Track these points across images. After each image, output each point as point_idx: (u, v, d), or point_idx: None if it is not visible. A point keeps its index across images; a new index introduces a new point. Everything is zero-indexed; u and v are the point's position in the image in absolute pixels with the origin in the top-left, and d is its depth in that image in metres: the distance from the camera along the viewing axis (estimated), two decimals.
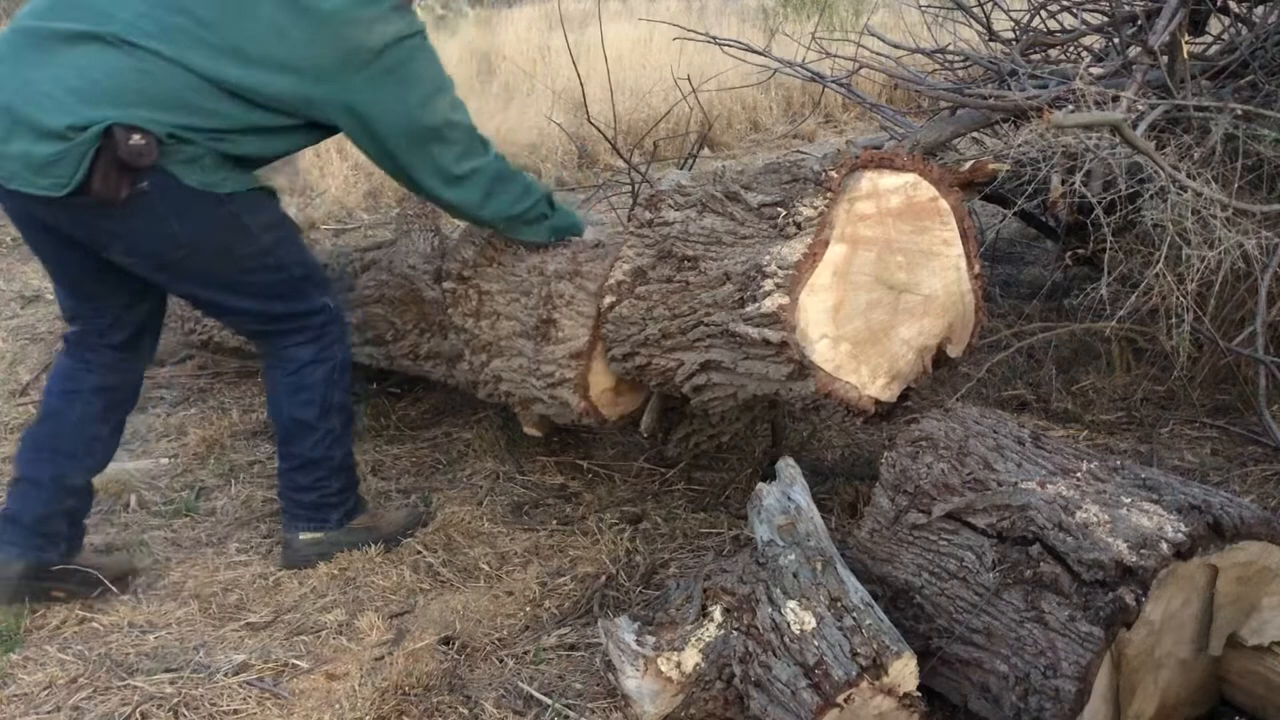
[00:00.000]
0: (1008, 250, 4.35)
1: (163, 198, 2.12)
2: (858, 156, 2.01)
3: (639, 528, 2.57)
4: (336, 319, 2.46)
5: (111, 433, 2.42)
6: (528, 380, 2.47)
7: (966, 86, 3.56)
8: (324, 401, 2.43)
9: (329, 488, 2.49)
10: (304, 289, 2.39)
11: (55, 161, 2.02)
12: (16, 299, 4.68)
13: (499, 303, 2.54)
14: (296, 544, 2.49)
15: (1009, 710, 1.66)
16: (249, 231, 2.26)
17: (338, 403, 2.46)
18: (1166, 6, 2.77)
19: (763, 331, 1.92)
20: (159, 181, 2.10)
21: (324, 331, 2.42)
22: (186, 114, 2.09)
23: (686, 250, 2.12)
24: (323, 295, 2.43)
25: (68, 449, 2.35)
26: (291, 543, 2.50)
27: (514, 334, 2.49)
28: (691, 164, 3.95)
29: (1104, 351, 3.13)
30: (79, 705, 2.03)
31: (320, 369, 2.42)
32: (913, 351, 2.10)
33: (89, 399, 2.36)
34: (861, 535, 2.01)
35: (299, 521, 2.49)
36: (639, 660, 1.80)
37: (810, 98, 7.89)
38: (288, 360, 2.42)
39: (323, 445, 2.45)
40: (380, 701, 1.97)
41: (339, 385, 2.45)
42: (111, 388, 2.39)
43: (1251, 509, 1.71)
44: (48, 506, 2.32)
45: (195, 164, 2.13)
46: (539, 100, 7.36)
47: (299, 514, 2.49)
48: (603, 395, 2.40)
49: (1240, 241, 2.32)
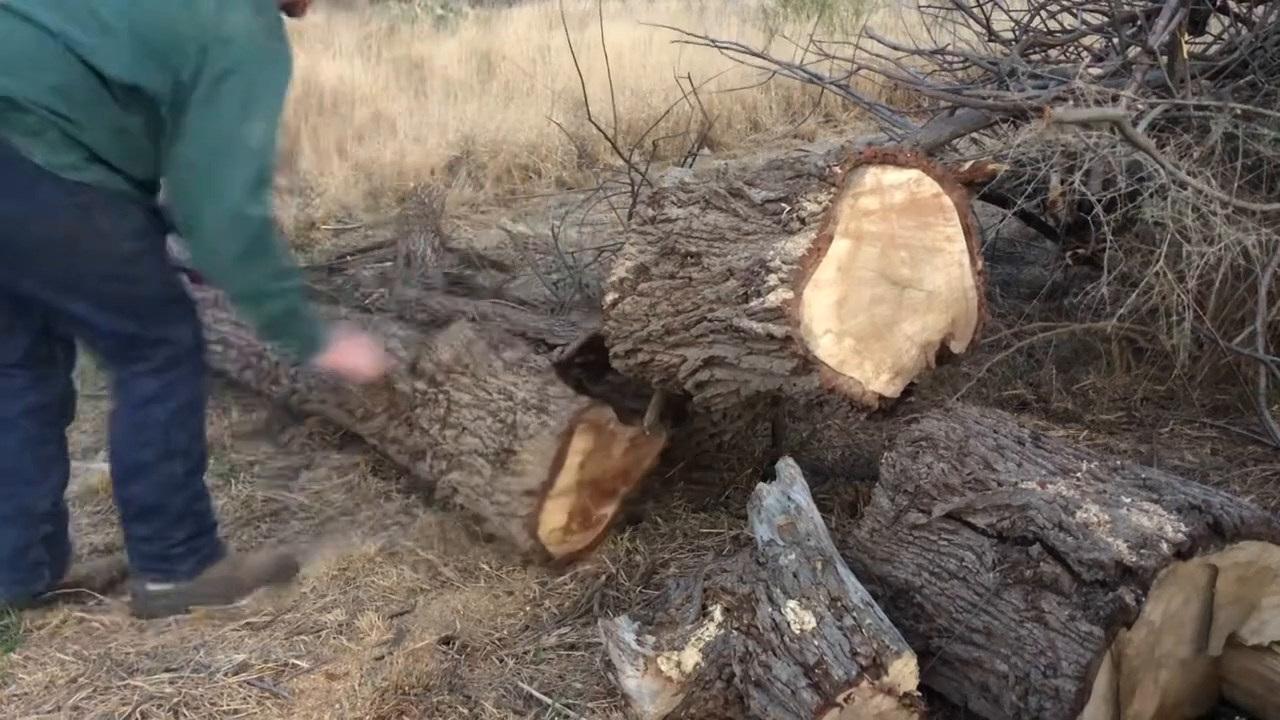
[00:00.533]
0: (1008, 250, 4.36)
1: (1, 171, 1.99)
2: (861, 152, 2.01)
3: (639, 528, 2.56)
4: (190, 354, 2.26)
5: (59, 450, 2.33)
6: (481, 500, 2.45)
7: (966, 87, 3.56)
8: (165, 443, 2.23)
9: (172, 537, 2.29)
10: (164, 313, 2.21)
11: None
12: None
13: (465, 417, 2.50)
14: (143, 595, 2.31)
15: (1009, 710, 1.66)
16: (102, 233, 2.08)
17: (181, 446, 2.25)
18: (1166, 6, 2.77)
19: (766, 326, 1.92)
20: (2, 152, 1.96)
21: (173, 365, 2.22)
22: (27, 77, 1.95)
23: (690, 246, 2.12)
24: (182, 325, 2.24)
25: (23, 478, 2.27)
26: (139, 593, 2.32)
27: (475, 451, 2.46)
28: (691, 164, 3.95)
29: (1104, 351, 3.13)
30: (79, 705, 2.03)
31: (164, 407, 2.22)
32: (916, 347, 2.10)
33: (21, 424, 2.25)
34: (861, 535, 2.01)
35: (145, 572, 2.31)
36: (639, 660, 1.80)
37: (810, 98, 7.89)
38: (130, 394, 2.23)
39: (159, 490, 2.25)
40: (380, 701, 1.97)
41: (184, 427, 2.26)
42: (40, 407, 2.27)
43: (1251, 509, 1.71)
44: (22, 539, 2.27)
45: (39, 138, 1.97)
46: (539, 100, 7.37)
47: (144, 564, 2.31)
48: (552, 534, 2.38)
49: (1240, 239, 2.32)
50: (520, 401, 2.40)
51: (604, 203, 4.36)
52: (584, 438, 2.35)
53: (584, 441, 2.36)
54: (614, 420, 2.39)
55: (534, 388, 2.41)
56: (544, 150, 6.59)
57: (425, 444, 2.60)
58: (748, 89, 6.88)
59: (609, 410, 2.38)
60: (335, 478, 2.95)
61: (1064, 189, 2.62)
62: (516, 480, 2.35)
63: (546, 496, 2.33)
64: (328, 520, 2.72)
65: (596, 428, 2.37)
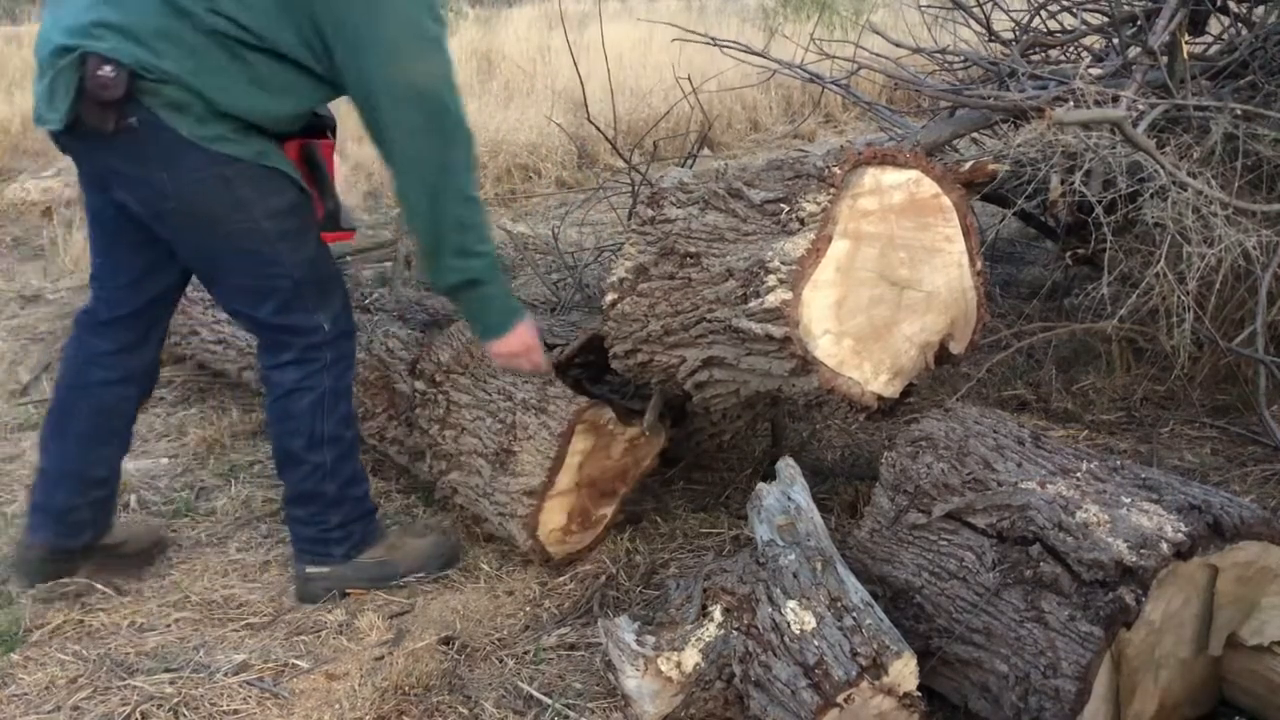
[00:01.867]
0: (1008, 250, 4.36)
1: (151, 139, 2.00)
2: (861, 153, 2.01)
3: (639, 528, 2.56)
4: (332, 343, 2.24)
5: (127, 422, 2.36)
6: (481, 501, 2.45)
7: (966, 87, 3.56)
8: (311, 433, 2.25)
9: (326, 522, 2.33)
10: (302, 301, 2.19)
11: (50, 93, 1.98)
12: (16, 299, 4.68)
13: (465, 417, 2.50)
14: (304, 577, 2.37)
15: (1009, 710, 1.66)
16: (244, 206, 2.07)
17: (329, 434, 2.26)
18: (1166, 6, 2.77)
19: (765, 327, 1.92)
20: (148, 121, 1.98)
21: (312, 356, 2.22)
22: (161, 49, 1.94)
23: (689, 247, 2.12)
24: (323, 314, 2.22)
25: (85, 443, 2.31)
26: (300, 575, 2.38)
27: (475, 452, 2.46)
28: (691, 164, 3.95)
29: (1104, 351, 3.13)
30: (79, 705, 2.03)
31: (306, 397, 2.23)
32: (915, 348, 2.10)
33: (97, 393, 2.30)
34: (861, 535, 2.01)
35: (304, 555, 2.36)
36: (639, 660, 1.80)
37: (810, 98, 7.89)
38: (273, 383, 2.26)
39: (313, 479, 2.29)
40: (380, 701, 1.97)
41: (330, 415, 2.26)
42: (120, 380, 2.30)
43: (1251, 509, 1.71)
44: (71, 499, 2.31)
45: (183, 111, 1.98)
46: (539, 100, 7.37)
47: (303, 547, 2.36)
48: (551, 534, 2.38)
49: (1240, 240, 2.32)
50: (520, 402, 2.40)
51: (604, 203, 4.37)
52: (583, 438, 2.35)
53: (583, 442, 2.36)
54: (613, 420, 2.39)
55: (533, 388, 2.41)
56: (544, 150, 6.58)
57: (425, 444, 2.59)
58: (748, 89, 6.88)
59: (608, 410, 2.38)
60: None
61: (1064, 189, 2.62)
62: (516, 480, 2.36)
63: (546, 496, 2.33)
64: None
65: (596, 428, 2.37)
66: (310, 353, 2.22)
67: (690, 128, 6.16)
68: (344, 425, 2.30)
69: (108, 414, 2.32)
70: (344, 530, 2.35)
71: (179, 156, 2.02)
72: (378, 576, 2.37)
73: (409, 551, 2.41)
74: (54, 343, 4.02)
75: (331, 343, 2.24)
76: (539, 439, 2.33)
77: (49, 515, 2.32)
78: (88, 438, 2.32)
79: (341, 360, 2.28)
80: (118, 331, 2.30)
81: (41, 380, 3.70)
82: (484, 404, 2.47)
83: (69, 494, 2.32)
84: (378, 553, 2.38)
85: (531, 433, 2.35)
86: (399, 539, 2.44)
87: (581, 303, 3.61)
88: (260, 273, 2.16)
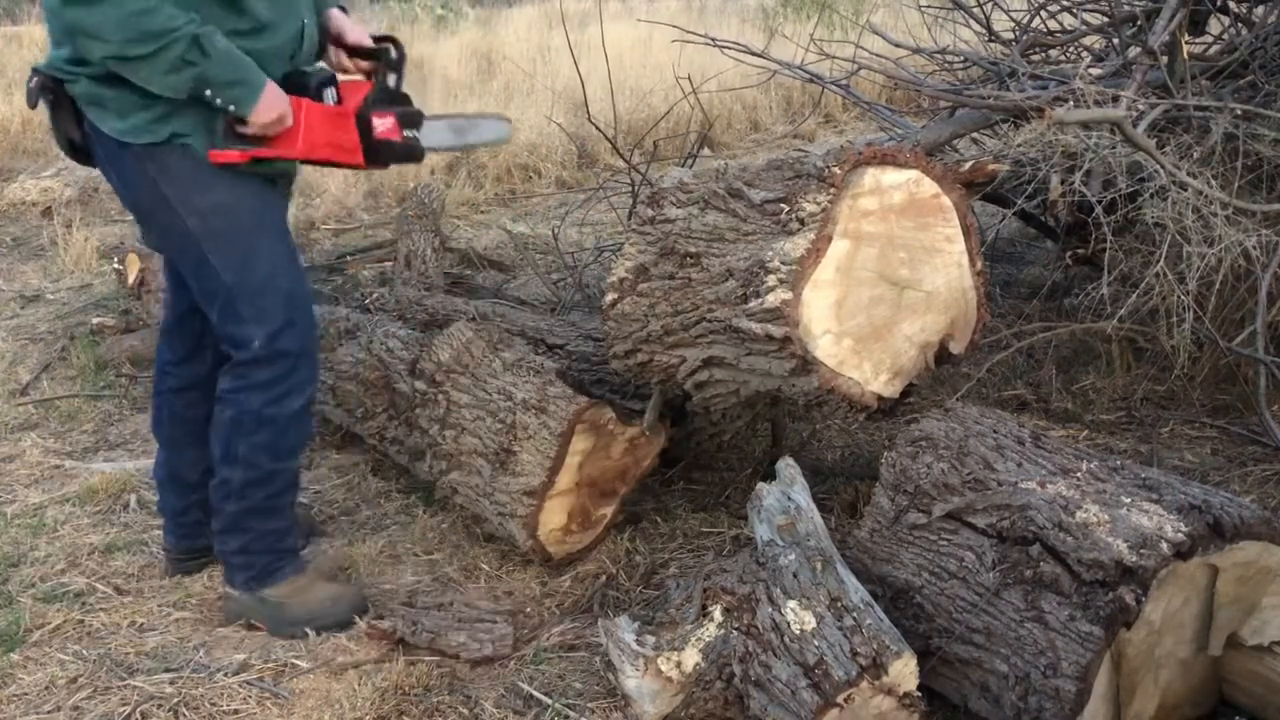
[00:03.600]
0: (1008, 250, 4.35)
1: (98, 144, 1.99)
2: (861, 153, 2.01)
3: (639, 528, 2.56)
4: (265, 363, 2.08)
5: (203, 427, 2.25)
6: (481, 500, 2.45)
7: (966, 87, 3.56)
8: (225, 446, 2.14)
9: (226, 544, 2.23)
10: (234, 310, 2.06)
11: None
12: (16, 299, 4.68)
13: (465, 417, 2.50)
14: (224, 593, 2.30)
15: (1009, 710, 1.66)
16: (170, 204, 1.98)
17: (241, 456, 2.13)
18: (1166, 6, 2.77)
19: (765, 327, 1.92)
20: (91, 125, 1.97)
21: (240, 372, 2.10)
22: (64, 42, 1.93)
23: (689, 247, 2.12)
24: (255, 329, 2.06)
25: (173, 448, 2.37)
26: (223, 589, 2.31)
27: (475, 451, 2.45)
28: (691, 164, 3.95)
29: (1104, 351, 3.13)
30: (79, 705, 2.03)
31: (226, 410, 2.13)
32: (915, 348, 2.10)
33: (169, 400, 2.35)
34: (861, 535, 2.01)
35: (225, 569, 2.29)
36: (639, 660, 1.80)
37: (810, 98, 7.89)
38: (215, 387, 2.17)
39: (219, 492, 2.19)
40: (380, 701, 1.97)
41: (247, 438, 2.12)
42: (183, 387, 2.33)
43: (1251, 509, 1.71)
44: (179, 502, 2.40)
45: (102, 106, 1.94)
46: (539, 100, 7.36)
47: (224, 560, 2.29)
48: (551, 534, 2.38)
49: (1240, 240, 2.32)
50: (520, 401, 2.40)
51: (604, 203, 4.37)
52: (583, 438, 2.35)
53: (583, 442, 2.36)
54: (613, 420, 2.39)
55: (533, 388, 2.41)
56: (544, 150, 6.59)
57: (425, 444, 2.59)
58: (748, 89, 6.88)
59: (608, 410, 2.38)
60: (335, 478, 2.95)
61: (1064, 189, 2.62)
62: (516, 480, 2.35)
63: (546, 496, 2.33)
64: (328, 520, 2.72)
65: (596, 428, 2.37)
66: (239, 368, 2.11)
67: (690, 128, 6.16)
68: (267, 455, 2.14)
69: (181, 420, 2.34)
70: (245, 558, 2.23)
71: (117, 157, 2.00)
72: (277, 619, 2.22)
73: (309, 599, 2.24)
74: (54, 343, 4.02)
75: (264, 362, 2.08)
76: (539, 439, 2.33)
77: (168, 518, 2.43)
78: (175, 442, 2.37)
79: (278, 384, 2.09)
80: (174, 340, 2.34)
81: (42, 380, 3.70)
82: (484, 404, 2.47)
83: (176, 497, 2.40)
84: (281, 592, 2.23)
85: (531, 432, 2.35)
86: (310, 582, 2.27)
87: (581, 303, 3.62)
88: (197, 273, 2.08)
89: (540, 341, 2.81)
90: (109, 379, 3.68)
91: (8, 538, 2.65)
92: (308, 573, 2.30)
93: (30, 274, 5.04)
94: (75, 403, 3.50)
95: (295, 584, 2.25)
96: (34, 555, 2.58)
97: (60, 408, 3.46)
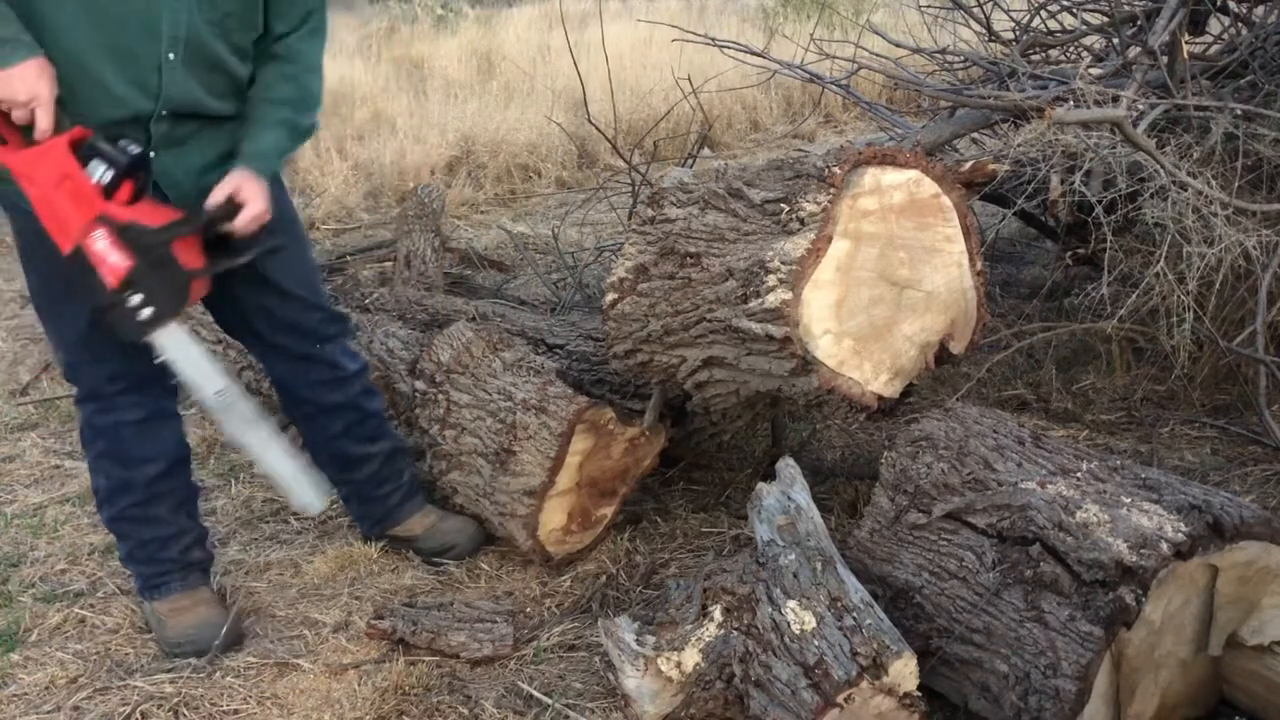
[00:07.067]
0: (1008, 250, 4.35)
1: None
2: (861, 153, 2.01)
3: (639, 528, 2.56)
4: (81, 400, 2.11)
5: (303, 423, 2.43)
6: (481, 500, 2.45)
7: (966, 87, 3.56)
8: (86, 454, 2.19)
9: (119, 547, 2.26)
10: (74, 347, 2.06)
11: None
12: (16, 299, 4.68)
13: (465, 417, 2.51)
14: None
15: (1009, 710, 1.66)
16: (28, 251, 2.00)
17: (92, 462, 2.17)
18: (1166, 6, 2.77)
19: (765, 327, 1.92)
20: None
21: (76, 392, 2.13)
22: None
23: (689, 247, 2.13)
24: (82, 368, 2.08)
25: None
26: None
27: (475, 452, 2.46)
28: (691, 164, 3.95)
29: (1104, 351, 3.13)
30: (79, 705, 2.03)
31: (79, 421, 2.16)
32: (915, 348, 2.10)
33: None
34: (861, 535, 2.01)
35: None
36: (639, 660, 1.80)
37: (810, 98, 7.89)
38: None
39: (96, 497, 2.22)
40: (380, 701, 1.97)
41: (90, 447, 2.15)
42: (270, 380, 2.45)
43: (1251, 509, 1.71)
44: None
45: None
46: (539, 100, 7.37)
47: None
48: (551, 534, 2.38)
49: (1240, 240, 2.32)
50: (520, 401, 2.40)
51: (604, 203, 4.37)
52: (583, 438, 2.35)
53: (583, 442, 2.36)
54: (613, 420, 2.39)
55: (533, 388, 2.41)
56: (544, 150, 6.59)
57: (425, 444, 2.59)
58: (748, 89, 6.88)
59: (608, 410, 2.38)
60: None
61: (1064, 189, 2.62)
62: (516, 480, 2.35)
63: (546, 496, 2.33)
64: (328, 520, 2.72)
65: (596, 428, 2.37)
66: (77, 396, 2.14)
67: (690, 128, 6.16)
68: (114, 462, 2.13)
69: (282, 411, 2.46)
70: (133, 566, 2.24)
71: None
72: (160, 636, 2.20)
73: (183, 621, 2.19)
74: None
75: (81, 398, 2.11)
76: (539, 439, 2.33)
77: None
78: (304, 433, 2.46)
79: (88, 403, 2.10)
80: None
81: (41, 380, 3.70)
82: (484, 404, 2.47)
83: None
84: (162, 608, 2.21)
85: (531, 432, 2.35)
86: (193, 604, 2.21)
87: (581, 303, 3.62)
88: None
89: (540, 341, 2.81)
90: None
91: (8, 538, 2.65)
92: (199, 593, 2.23)
93: None
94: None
95: (177, 603, 2.21)
96: (34, 555, 2.58)
97: (60, 408, 3.46)
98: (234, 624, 2.20)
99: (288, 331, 2.22)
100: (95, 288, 1.82)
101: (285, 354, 2.26)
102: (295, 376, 2.29)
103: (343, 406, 2.33)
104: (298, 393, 2.32)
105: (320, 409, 2.33)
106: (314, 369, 2.28)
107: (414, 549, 2.49)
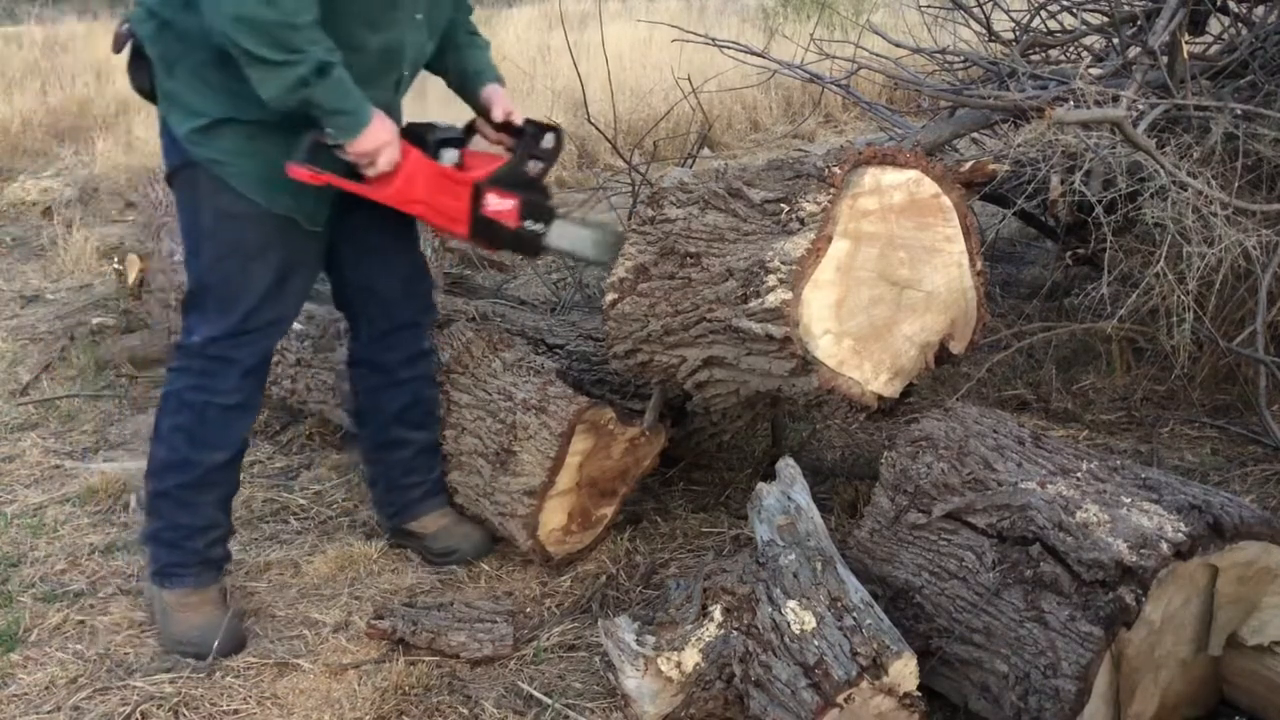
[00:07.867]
0: (1008, 250, 4.35)
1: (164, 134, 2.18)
2: (861, 153, 2.01)
3: (639, 528, 2.56)
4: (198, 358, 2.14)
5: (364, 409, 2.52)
6: (481, 500, 2.45)
7: (966, 87, 3.56)
8: (160, 422, 2.19)
9: (146, 526, 2.24)
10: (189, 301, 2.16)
11: None
12: (16, 299, 4.68)
13: (465, 417, 2.50)
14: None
15: (1009, 710, 1.66)
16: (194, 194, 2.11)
17: (163, 433, 2.17)
18: (1166, 6, 2.77)
19: (765, 327, 1.92)
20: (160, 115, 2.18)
21: (181, 356, 2.17)
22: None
23: (689, 247, 2.13)
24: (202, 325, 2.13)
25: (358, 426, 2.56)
26: None
27: (475, 452, 2.46)
28: (691, 164, 3.95)
29: (1104, 351, 3.13)
30: (79, 705, 2.03)
31: (166, 389, 2.19)
32: (915, 348, 2.10)
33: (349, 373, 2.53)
34: (861, 535, 2.01)
35: None
36: (639, 660, 1.80)
37: (810, 98, 7.89)
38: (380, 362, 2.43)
39: (147, 468, 2.22)
40: (380, 701, 1.97)
41: (170, 417, 2.16)
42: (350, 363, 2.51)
43: (1251, 509, 1.71)
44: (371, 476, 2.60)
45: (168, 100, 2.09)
46: (539, 100, 7.36)
47: None
48: (551, 534, 2.38)
49: (1240, 240, 2.32)
50: (520, 401, 2.40)
51: (604, 203, 4.36)
52: (583, 438, 2.35)
53: (583, 442, 2.36)
54: (613, 420, 2.39)
55: (533, 388, 2.41)
56: None
57: None
58: (748, 89, 6.88)
59: (608, 410, 2.38)
60: (335, 478, 2.95)
61: (1064, 189, 2.62)
62: (516, 480, 2.35)
63: (546, 496, 2.33)
64: (328, 520, 2.72)
65: (596, 428, 2.37)
66: (179, 350, 2.19)
67: (690, 128, 6.16)
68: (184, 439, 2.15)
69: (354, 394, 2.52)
70: (154, 547, 2.22)
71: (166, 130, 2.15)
72: (163, 627, 2.20)
73: (188, 620, 2.18)
74: (54, 343, 4.02)
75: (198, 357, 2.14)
76: (539, 439, 2.33)
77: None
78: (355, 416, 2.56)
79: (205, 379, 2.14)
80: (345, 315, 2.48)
81: (41, 380, 3.70)
82: (484, 404, 2.47)
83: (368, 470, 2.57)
84: (171, 600, 2.19)
85: (532, 433, 2.35)
86: (201, 602, 2.20)
87: (581, 303, 3.61)
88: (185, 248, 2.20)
89: (540, 341, 2.81)
90: (109, 379, 3.67)
91: (8, 538, 2.65)
92: (208, 592, 2.22)
93: (30, 274, 5.04)
94: (75, 403, 3.50)
95: (186, 598, 2.19)
96: (34, 555, 2.58)
97: (60, 408, 3.46)
98: (235, 629, 2.18)
99: (403, 295, 2.37)
100: (496, 234, 2.21)
101: (389, 319, 2.38)
102: (386, 346, 2.39)
103: (409, 383, 2.42)
104: (380, 360, 2.40)
105: (391, 382, 2.41)
106: (406, 339, 2.40)
107: (420, 547, 2.49)
